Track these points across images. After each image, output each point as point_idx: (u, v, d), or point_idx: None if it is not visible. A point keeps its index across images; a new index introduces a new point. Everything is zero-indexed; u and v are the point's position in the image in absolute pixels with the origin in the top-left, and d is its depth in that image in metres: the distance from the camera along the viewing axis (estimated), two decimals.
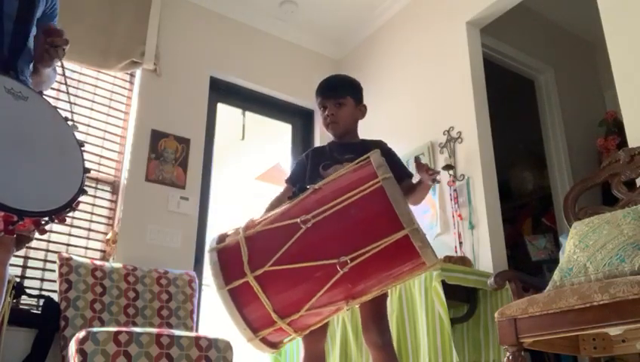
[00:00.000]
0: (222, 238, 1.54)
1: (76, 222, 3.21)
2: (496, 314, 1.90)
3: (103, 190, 3.38)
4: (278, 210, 1.59)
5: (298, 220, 1.46)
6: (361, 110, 2.11)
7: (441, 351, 2.39)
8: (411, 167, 2.04)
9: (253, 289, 1.42)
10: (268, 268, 1.42)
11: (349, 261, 1.39)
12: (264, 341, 1.47)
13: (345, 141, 2.08)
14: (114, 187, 3.42)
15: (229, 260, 1.47)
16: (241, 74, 4.07)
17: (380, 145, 2.03)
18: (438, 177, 1.88)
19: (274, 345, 1.52)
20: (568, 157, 3.95)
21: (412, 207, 1.61)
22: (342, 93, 2.07)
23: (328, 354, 2.89)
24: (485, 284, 2.45)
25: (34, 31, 1.81)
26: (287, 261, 1.43)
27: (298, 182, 2.04)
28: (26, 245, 1.77)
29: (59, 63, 1.80)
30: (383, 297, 1.87)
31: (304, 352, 1.91)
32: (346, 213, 1.45)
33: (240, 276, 1.43)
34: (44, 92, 1.81)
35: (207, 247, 1.54)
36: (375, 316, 1.87)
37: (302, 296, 1.44)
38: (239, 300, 1.43)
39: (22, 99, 1.52)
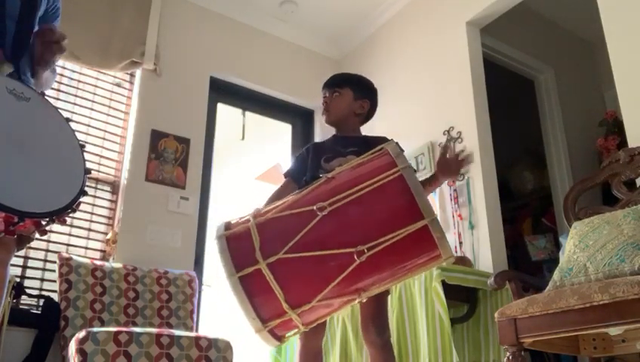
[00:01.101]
0: (228, 226, 1.48)
1: (76, 222, 3.21)
2: (496, 314, 1.89)
3: (103, 190, 3.38)
4: (289, 198, 1.53)
5: (314, 207, 1.40)
6: (361, 105, 2.12)
7: (441, 351, 2.39)
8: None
9: (265, 278, 1.35)
10: (282, 256, 1.36)
11: (365, 250, 1.34)
12: (271, 332, 1.42)
13: (348, 135, 2.10)
14: (114, 187, 3.42)
15: (239, 247, 1.41)
16: (241, 74, 4.07)
17: (384, 140, 2.03)
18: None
19: (279, 338, 1.47)
20: (568, 157, 3.95)
21: None
22: (340, 84, 2.12)
23: (328, 353, 2.89)
24: (485, 284, 2.45)
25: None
26: (301, 249, 1.37)
27: (299, 175, 2.04)
28: (27, 245, 1.77)
29: (59, 62, 1.78)
30: (384, 295, 1.86)
31: (301, 348, 1.89)
32: (364, 202, 1.40)
33: (251, 263, 1.37)
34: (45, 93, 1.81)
35: (215, 234, 1.46)
36: (375, 315, 1.86)
37: (315, 285, 1.39)
38: (250, 288, 1.35)
39: (24, 100, 1.52)
